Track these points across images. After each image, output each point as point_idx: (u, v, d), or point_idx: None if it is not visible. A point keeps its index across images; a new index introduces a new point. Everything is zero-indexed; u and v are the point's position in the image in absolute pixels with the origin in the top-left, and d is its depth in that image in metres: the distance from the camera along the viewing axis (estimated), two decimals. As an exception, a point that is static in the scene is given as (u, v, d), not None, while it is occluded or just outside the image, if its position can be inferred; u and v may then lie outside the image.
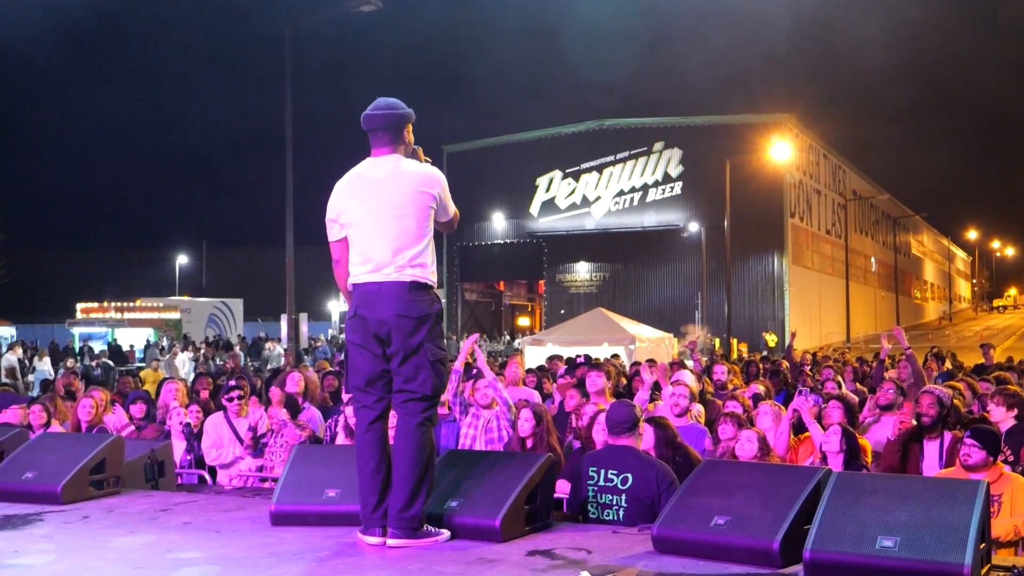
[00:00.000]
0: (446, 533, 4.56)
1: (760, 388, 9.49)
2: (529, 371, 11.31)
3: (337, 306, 62.84)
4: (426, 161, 4.84)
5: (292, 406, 7.58)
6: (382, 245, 4.59)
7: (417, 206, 4.63)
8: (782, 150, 41.88)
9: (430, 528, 4.55)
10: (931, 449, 6.65)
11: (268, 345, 31.79)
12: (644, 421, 6.25)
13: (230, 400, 7.64)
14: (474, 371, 7.59)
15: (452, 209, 4.85)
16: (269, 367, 24.41)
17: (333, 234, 4.78)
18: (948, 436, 6.63)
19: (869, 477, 4.79)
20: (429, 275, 4.66)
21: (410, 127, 4.83)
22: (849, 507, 3.90)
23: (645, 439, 6.07)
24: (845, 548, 3.76)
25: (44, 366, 26.08)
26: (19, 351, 28.03)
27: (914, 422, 6.98)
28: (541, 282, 53.46)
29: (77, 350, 32.97)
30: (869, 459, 6.83)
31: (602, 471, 5.35)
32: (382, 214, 4.61)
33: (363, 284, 4.64)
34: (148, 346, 33.59)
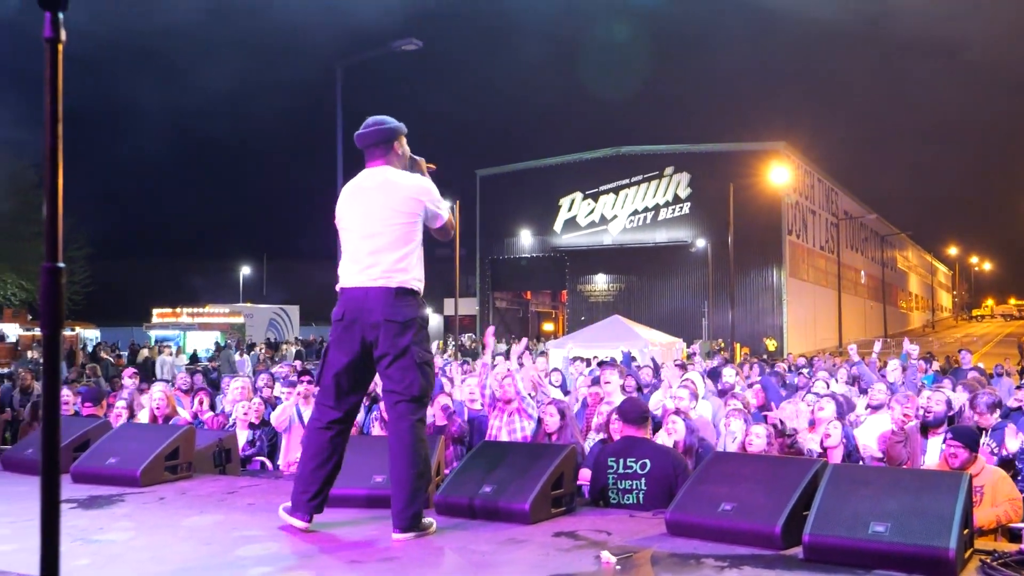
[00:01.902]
0: (434, 524, 4.40)
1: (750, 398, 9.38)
2: (555, 369, 11.24)
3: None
4: (430, 168, 4.66)
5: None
6: (369, 251, 4.39)
7: (404, 214, 4.42)
8: (780, 174, 41.69)
9: (425, 522, 4.35)
10: (934, 444, 6.54)
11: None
12: (674, 414, 6.25)
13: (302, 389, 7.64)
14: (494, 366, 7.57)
15: (445, 216, 4.59)
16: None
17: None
18: None
19: (862, 468, 4.74)
20: (414, 281, 4.42)
21: (402, 139, 4.62)
22: (844, 495, 3.86)
23: (678, 429, 6.06)
24: (840, 532, 3.72)
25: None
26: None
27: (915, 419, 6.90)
28: (564, 292, 53.37)
29: (154, 346, 33.23)
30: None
31: (621, 460, 5.32)
32: (370, 221, 4.41)
33: (350, 288, 4.42)
34: (220, 348, 33.77)
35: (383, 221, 4.40)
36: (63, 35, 1.64)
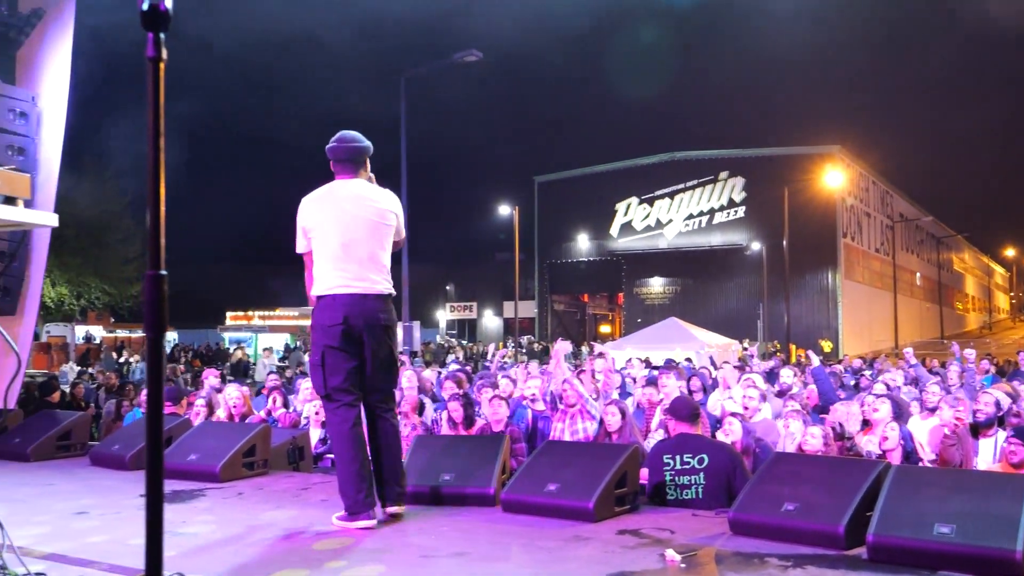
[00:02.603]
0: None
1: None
2: (619, 370, 11.14)
3: (444, 315, 63.33)
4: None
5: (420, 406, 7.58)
6: (363, 259, 4.54)
7: (386, 226, 4.65)
8: (834, 178, 41.03)
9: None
10: (986, 446, 6.38)
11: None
12: (731, 416, 6.18)
13: None
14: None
15: (403, 232, 4.85)
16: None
17: (304, 246, 4.65)
18: (1004, 435, 6.37)
19: (926, 470, 4.64)
20: (392, 288, 4.70)
21: (368, 158, 4.79)
22: (908, 496, 3.78)
23: (735, 431, 5.98)
24: (905, 533, 3.64)
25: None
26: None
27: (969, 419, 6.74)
28: (620, 295, 53.10)
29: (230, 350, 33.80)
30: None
31: (677, 456, 5.26)
32: (357, 231, 4.55)
33: (348, 295, 4.51)
34: (290, 349, 34.26)
35: (370, 231, 4.59)
36: (165, 54, 1.68)
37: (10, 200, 2.88)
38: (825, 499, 4.00)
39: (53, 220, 3.10)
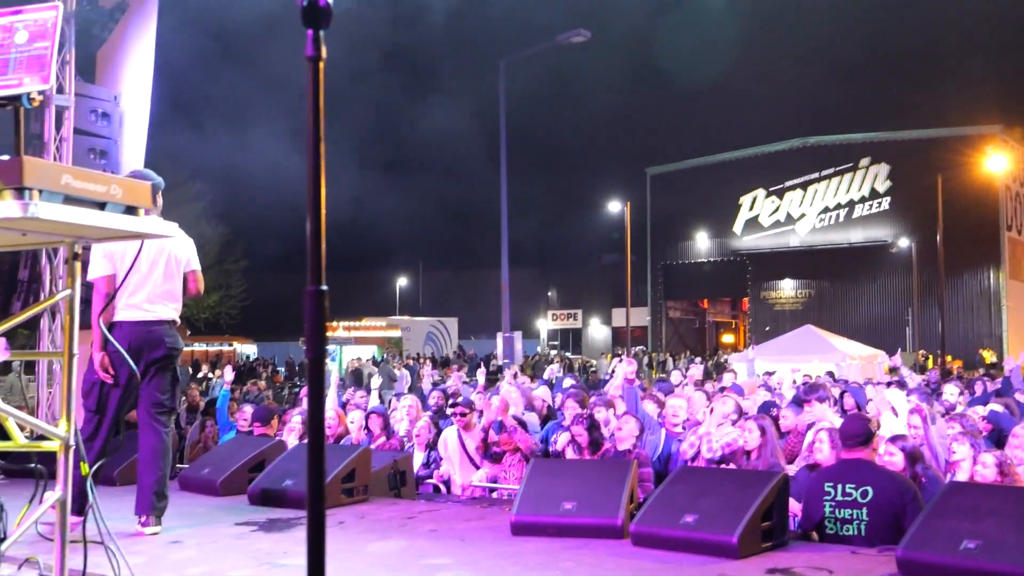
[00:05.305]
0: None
1: (999, 408, 8.85)
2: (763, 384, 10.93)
3: (545, 324, 63.52)
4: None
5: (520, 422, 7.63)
6: (160, 293, 5.56)
7: (182, 266, 5.73)
8: (997, 162, 39.50)
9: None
10: None
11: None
12: (890, 442, 6.00)
13: (459, 416, 7.80)
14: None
15: (196, 265, 5.92)
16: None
17: (104, 269, 5.39)
18: None
19: None
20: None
21: (160, 193, 5.39)
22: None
23: (895, 462, 5.80)
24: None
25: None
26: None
27: None
28: (745, 300, 52.32)
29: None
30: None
31: (839, 486, 5.12)
32: (160, 269, 5.56)
33: (133, 321, 5.44)
34: (378, 362, 34.86)
35: (172, 270, 5.65)
36: (324, 53, 1.75)
37: (131, 210, 3.03)
38: (1014, 536, 3.86)
39: (172, 229, 3.29)
